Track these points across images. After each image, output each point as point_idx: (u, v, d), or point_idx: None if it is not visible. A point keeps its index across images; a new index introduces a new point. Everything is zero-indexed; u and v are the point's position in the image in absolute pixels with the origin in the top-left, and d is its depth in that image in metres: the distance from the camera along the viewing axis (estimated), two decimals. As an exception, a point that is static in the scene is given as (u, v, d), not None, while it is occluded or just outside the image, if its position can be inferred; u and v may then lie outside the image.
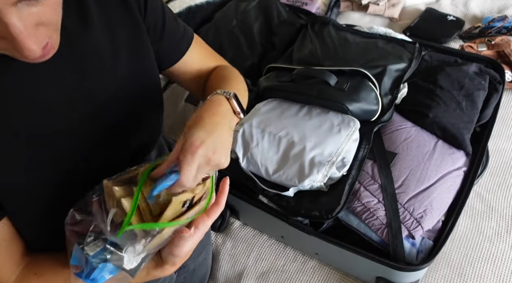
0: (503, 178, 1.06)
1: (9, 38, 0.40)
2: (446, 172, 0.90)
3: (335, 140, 0.89)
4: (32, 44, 0.42)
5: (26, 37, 0.41)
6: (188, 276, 0.90)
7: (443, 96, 0.98)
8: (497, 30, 1.33)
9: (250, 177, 0.91)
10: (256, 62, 1.28)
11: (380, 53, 1.05)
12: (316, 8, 1.52)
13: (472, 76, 1.03)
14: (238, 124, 0.97)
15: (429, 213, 0.84)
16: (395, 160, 0.91)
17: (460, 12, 1.51)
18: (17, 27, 0.39)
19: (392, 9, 1.53)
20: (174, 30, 0.69)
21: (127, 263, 0.51)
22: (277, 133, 0.92)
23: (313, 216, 0.86)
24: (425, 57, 1.11)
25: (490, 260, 0.92)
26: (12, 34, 0.40)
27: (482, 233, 0.96)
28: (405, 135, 0.95)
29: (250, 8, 1.42)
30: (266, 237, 1.05)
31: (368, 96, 0.93)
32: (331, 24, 1.17)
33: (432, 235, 0.86)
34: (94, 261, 0.50)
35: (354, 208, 0.88)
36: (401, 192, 0.87)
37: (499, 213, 0.99)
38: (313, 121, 0.93)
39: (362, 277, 0.94)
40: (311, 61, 1.06)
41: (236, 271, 1.01)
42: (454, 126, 0.94)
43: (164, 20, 0.67)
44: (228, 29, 1.36)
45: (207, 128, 0.53)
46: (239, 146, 0.93)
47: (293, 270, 0.99)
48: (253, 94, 1.09)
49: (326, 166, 0.86)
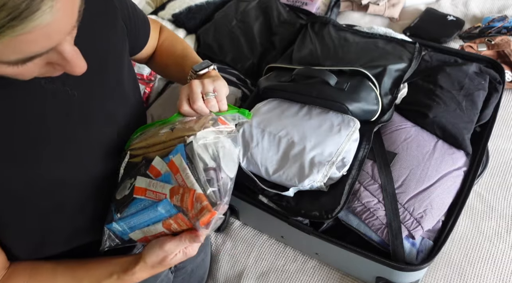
0: (503, 178, 1.06)
1: (62, 63, 0.44)
2: (446, 172, 0.90)
3: (335, 140, 0.89)
4: (81, 60, 0.45)
5: (77, 57, 0.44)
6: (186, 277, 0.90)
7: (443, 96, 0.98)
8: (497, 30, 1.33)
9: (250, 177, 0.91)
10: (256, 62, 1.28)
11: (380, 53, 1.05)
12: (316, 8, 1.52)
13: (472, 76, 1.03)
14: (238, 125, 0.97)
15: (429, 213, 0.84)
16: (395, 160, 0.91)
17: (460, 12, 1.51)
18: (70, 52, 0.43)
19: (392, 9, 1.53)
20: (141, 17, 0.74)
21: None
22: (277, 133, 0.92)
23: (313, 216, 0.86)
24: (425, 57, 1.11)
25: (490, 260, 0.92)
26: (67, 59, 0.43)
27: (482, 233, 0.96)
28: (405, 135, 0.95)
29: (250, 8, 1.42)
30: (266, 237, 1.05)
31: (368, 96, 0.93)
32: (331, 24, 1.17)
33: (432, 235, 0.86)
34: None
35: (354, 208, 0.88)
36: (401, 192, 0.87)
37: (499, 213, 0.99)
38: (313, 121, 0.93)
39: (362, 277, 0.94)
40: (311, 61, 1.06)
41: (236, 271, 1.01)
42: (454, 126, 0.94)
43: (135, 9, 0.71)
44: (228, 29, 1.36)
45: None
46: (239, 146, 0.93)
47: (293, 270, 0.99)
48: (253, 94, 1.09)
49: (326, 166, 0.86)
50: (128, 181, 0.59)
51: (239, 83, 1.20)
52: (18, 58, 0.39)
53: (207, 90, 0.63)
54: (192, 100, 0.62)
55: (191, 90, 0.63)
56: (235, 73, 1.23)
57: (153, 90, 1.30)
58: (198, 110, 0.63)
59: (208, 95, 0.63)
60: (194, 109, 0.63)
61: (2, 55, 0.38)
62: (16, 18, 0.35)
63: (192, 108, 0.63)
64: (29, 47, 0.38)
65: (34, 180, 0.53)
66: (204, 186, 0.53)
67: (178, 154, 0.56)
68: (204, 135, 0.58)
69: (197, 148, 0.56)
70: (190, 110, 0.63)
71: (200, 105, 0.62)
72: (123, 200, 0.58)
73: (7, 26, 0.35)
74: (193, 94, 0.62)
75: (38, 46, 0.39)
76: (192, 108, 0.63)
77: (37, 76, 0.45)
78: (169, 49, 0.82)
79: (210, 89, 0.63)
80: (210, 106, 0.63)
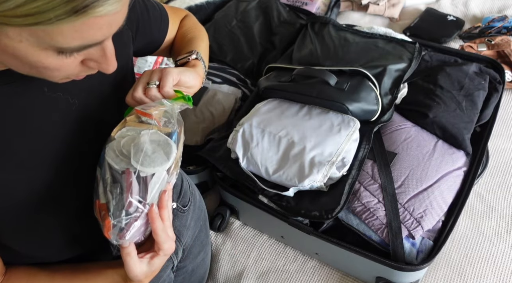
0: (503, 178, 1.06)
1: (99, 60, 0.45)
2: (446, 172, 0.90)
3: (335, 140, 0.89)
4: (115, 60, 0.46)
5: (113, 55, 0.45)
6: (186, 277, 0.90)
7: (443, 96, 0.98)
8: (497, 30, 1.33)
9: (250, 177, 0.91)
10: (256, 62, 1.28)
11: (380, 53, 1.05)
12: (316, 8, 1.52)
13: (472, 76, 1.03)
14: (238, 124, 0.97)
15: (429, 213, 0.84)
16: (395, 160, 0.91)
17: (460, 12, 1.51)
18: (111, 49, 0.44)
19: (392, 9, 1.53)
20: (157, 18, 0.74)
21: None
22: (277, 133, 0.92)
23: (313, 216, 0.86)
24: (425, 57, 1.11)
25: (490, 260, 0.92)
26: (107, 55, 0.45)
27: (482, 233, 0.96)
28: (405, 135, 0.95)
29: (250, 8, 1.42)
30: (266, 237, 1.05)
31: (368, 96, 0.93)
32: (331, 24, 1.17)
33: (432, 235, 0.86)
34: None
35: (354, 208, 0.88)
36: (401, 192, 0.87)
37: (499, 213, 0.99)
38: (313, 121, 0.93)
39: (362, 277, 0.94)
40: (311, 61, 1.06)
41: (236, 271, 1.01)
42: (454, 126, 0.94)
43: (148, 14, 0.71)
44: (228, 29, 1.36)
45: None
46: (239, 146, 0.93)
47: (293, 270, 0.99)
48: (253, 94, 1.09)
49: (326, 165, 0.86)
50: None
51: (239, 83, 1.20)
52: (78, 44, 0.40)
53: (150, 78, 0.62)
54: (133, 90, 0.62)
55: (137, 80, 0.63)
56: (235, 73, 1.23)
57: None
58: (138, 101, 0.61)
59: (149, 84, 0.61)
60: (136, 101, 0.61)
61: (65, 39, 0.38)
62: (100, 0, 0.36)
63: (133, 100, 0.62)
64: (94, 34, 0.39)
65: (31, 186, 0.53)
66: (106, 195, 0.52)
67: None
68: (121, 135, 0.55)
69: (108, 152, 0.53)
70: (131, 101, 0.62)
71: (137, 95, 0.61)
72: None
73: (92, 6, 0.36)
74: (135, 84, 0.62)
75: (100, 33, 0.40)
76: (132, 99, 0.62)
77: (68, 76, 0.46)
78: (178, 40, 0.82)
79: (154, 78, 0.62)
80: (150, 96, 0.61)
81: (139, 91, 0.61)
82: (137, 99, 0.61)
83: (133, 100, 0.61)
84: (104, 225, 0.51)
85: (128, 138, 0.54)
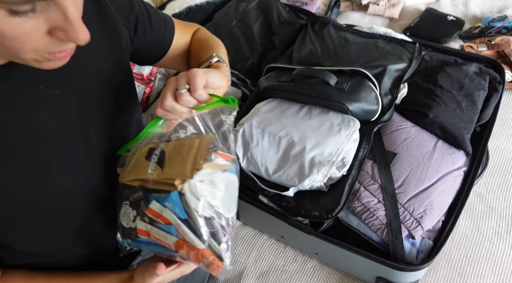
0: (503, 178, 1.06)
1: (64, 26, 0.41)
2: (446, 172, 0.90)
3: (335, 140, 0.89)
4: (84, 27, 0.42)
5: (80, 21, 0.41)
6: (189, 277, 0.90)
7: (443, 96, 0.98)
8: (497, 30, 1.33)
9: (250, 177, 0.91)
10: (256, 62, 1.29)
11: (380, 53, 1.05)
12: (316, 8, 1.52)
13: (472, 76, 1.03)
14: (238, 124, 0.97)
15: (429, 213, 0.84)
16: (395, 160, 0.91)
17: (460, 12, 1.51)
18: (73, 11, 0.40)
19: (392, 9, 1.53)
20: (159, 22, 0.71)
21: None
22: (277, 133, 0.92)
23: (313, 216, 0.86)
24: (425, 57, 1.11)
25: (490, 260, 0.92)
26: (70, 19, 0.40)
27: (482, 233, 0.96)
28: (405, 135, 0.95)
29: (250, 8, 1.42)
30: (266, 237, 1.05)
31: (368, 96, 0.93)
32: (331, 24, 1.17)
33: (432, 235, 0.86)
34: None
35: (354, 208, 0.88)
36: (401, 192, 0.87)
37: (499, 213, 0.99)
38: (313, 121, 0.93)
39: (362, 277, 0.94)
40: (311, 61, 1.06)
41: (236, 271, 1.01)
42: (454, 126, 0.94)
43: (149, 16, 0.69)
44: (228, 29, 1.36)
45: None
46: (239, 146, 0.93)
47: (293, 270, 0.99)
48: (253, 94, 1.09)
49: (326, 166, 0.86)
50: (131, 212, 0.56)
51: (239, 83, 1.20)
52: None
53: (178, 83, 0.55)
54: (162, 99, 0.55)
55: (163, 89, 0.56)
56: (235, 73, 1.23)
57: (153, 90, 1.30)
58: (170, 110, 0.55)
59: (178, 90, 0.54)
60: (167, 110, 0.55)
61: None
62: None
63: (164, 110, 0.55)
64: None
65: (33, 186, 0.53)
66: (208, 241, 0.50)
67: (167, 208, 0.51)
68: (200, 178, 0.51)
69: (191, 199, 0.50)
70: (164, 112, 0.55)
71: (168, 104, 0.54)
72: (130, 232, 0.56)
73: None
74: (163, 93, 0.55)
75: None
76: (163, 109, 0.55)
77: (37, 49, 0.43)
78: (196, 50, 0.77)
79: (181, 82, 0.54)
80: (183, 102, 0.54)
81: (169, 98, 0.54)
82: (168, 108, 0.54)
83: (163, 110, 0.55)
84: (212, 268, 0.51)
85: (209, 185, 0.52)
